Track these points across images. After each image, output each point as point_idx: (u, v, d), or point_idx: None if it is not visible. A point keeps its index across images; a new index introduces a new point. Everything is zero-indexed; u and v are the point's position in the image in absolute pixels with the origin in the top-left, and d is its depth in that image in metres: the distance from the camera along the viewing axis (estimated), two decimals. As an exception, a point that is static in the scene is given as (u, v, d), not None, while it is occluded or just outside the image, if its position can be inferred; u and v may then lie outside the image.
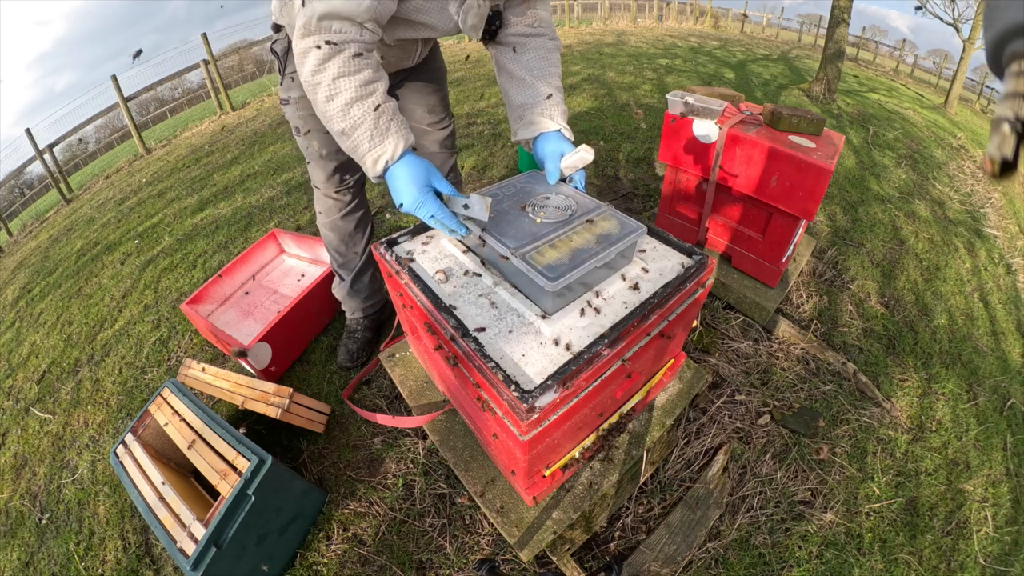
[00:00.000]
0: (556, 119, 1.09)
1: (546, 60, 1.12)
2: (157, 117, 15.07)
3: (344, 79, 0.84)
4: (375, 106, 0.87)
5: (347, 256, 1.60)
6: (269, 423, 1.56)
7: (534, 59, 1.11)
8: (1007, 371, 1.99)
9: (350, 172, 1.44)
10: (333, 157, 1.36)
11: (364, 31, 0.85)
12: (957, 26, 10.78)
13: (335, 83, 0.84)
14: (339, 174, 1.42)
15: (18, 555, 1.51)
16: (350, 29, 0.84)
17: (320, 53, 0.83)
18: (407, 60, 1.25)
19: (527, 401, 0.75)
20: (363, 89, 0.86)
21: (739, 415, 1.56)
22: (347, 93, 0.85)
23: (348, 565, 1.26)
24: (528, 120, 1.10)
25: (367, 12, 0.83)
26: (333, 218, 1.50)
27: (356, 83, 0.85)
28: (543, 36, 1.13)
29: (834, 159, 1.46)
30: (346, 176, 1.44)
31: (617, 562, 1.18)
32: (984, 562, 1.33)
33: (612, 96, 4.59)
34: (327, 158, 1.36)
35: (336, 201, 1.47)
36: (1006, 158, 0.50)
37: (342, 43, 0.83)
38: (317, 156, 1.36)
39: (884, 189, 3.18)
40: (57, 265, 3.41)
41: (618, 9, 14.27)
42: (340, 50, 0.83)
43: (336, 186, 1.44)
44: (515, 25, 1.10)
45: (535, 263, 0.89)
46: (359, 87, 0.85)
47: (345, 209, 1.49)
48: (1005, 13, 0.51)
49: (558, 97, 1.11)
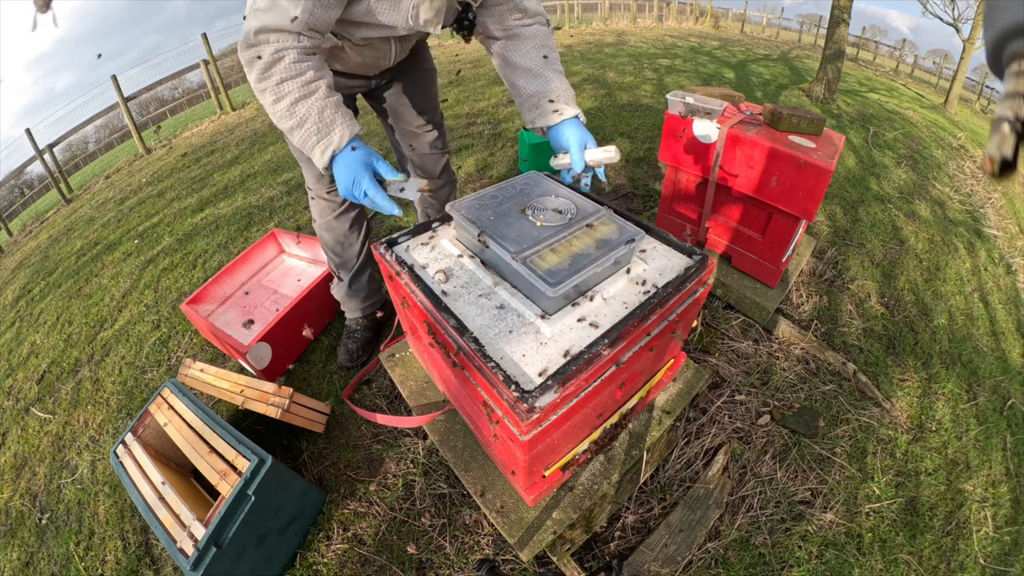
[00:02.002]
0: (572, 105, 1.11)
1: (546, 46, 1.14)
2: (157, 117, 15.07)
3: (288, 82, 0.90)
4: (319, 102, 0.92)
5: (344, 257, 1.60)
6: (269, 423, 1.56)
7: (534, 47, 1.13)
8: (1007, 371, 1.99)
9: None
10: None
11: (302, 38, 0.90)
12: (957, 26, 10.78)
13: (279, 87, 0.90)
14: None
15: (18, 555, 1.51)
16: (287, 39, 0.88)
17: (261, 63, 0.88)
18: (383, 60, 1.25)
19: (527, 401, 0.75)
20: (306, 88, 0.91)
21: (739, 415, 1.56)
22: (292, 95, 0.90)
23: (348, 565, 1.26)
24: (544, 108, 1.11)
25: (300, 25, 0.88)
26: (327, 219, 1.51)
27: (299, 84, 0.90)
28: (536, 22, 1.15)
29: (834, 159, 1.46)
30: None
31: (617, 562, 1.18)
32: (984, 562, 1.33)
33: (612, 96, 4.59)
34: None
35: (328, 202, 1.48)
36: (1006, 158, 0.50)
37: (281, 51, 0.88)
38: (305, 157, 1.37)
39: (884, 189, 3.18)
40: (57, 265, 3.41)
41: (618, 9, 14.27)
42: (280, 58, 0.89)
43: (327, 187, 1.45)
44: (506, 16, 1.12)
45: (536, 267, 0.89)
46: (302, 87, 0.91)
47: (338, 210, 1.50)
48: (1005, 13, 0.51)
49: (566, 82, 1.14)
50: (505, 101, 4.43)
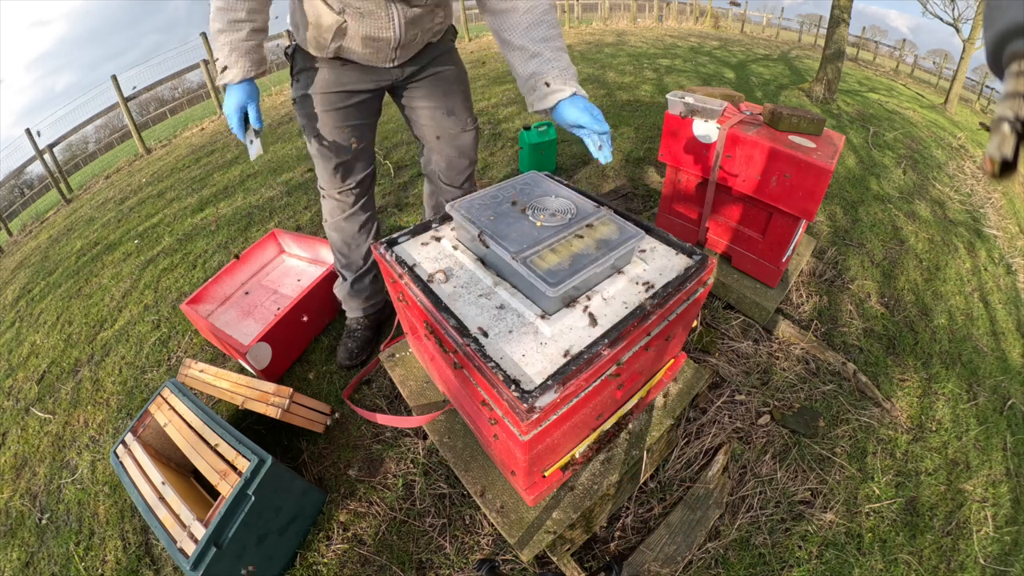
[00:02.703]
0: (571, 83, 1.04)
1: (543, 22, 1.06)
2: (157, 117, 15.07)
3: (222, 12, 1.09)
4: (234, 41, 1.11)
5: (350, 258, 1.61)
6: (269, 423, 1.56)
7: (531, 23, 1.06)
8: (1007, 371, 1.99)
9: (352, 173, 1.45)
10: (331, 155, 1.38)
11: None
12: (957, 26, 10.79)
13: (217, 12, 1.09)
14: (339, 173, 1.42)
15: (18, 555, 1.51)
16: None
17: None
18: (385, 31, 1.18)
19: (527, 401, 0.75)
20: (231, 25, 1.10)
21: (739, 415, 1.56)
22: (219, 23, 1.10)
23: (348, 565, 1.26)
24: (540, 91, 1.05)
25: None
26: (337, 219, 1.52)
27: (228, 19, 1.09)
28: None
29: (834, 159, 1.46)
30: (348, 178, 1.45)
31: (617, 562, 1.18)
32: (984, 562, 1.33)
33: (612, 96, 4.59)
34: (325, 155, 1.38)
35: (339, 202, 1.49)
36: (1006, 158, 0.50)
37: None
38: (317, 153, 1.39)
39: (884, 189, 3.18)
40: (57, 265, 3.41)
41: (618, 9, 14.27)
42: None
43: (339, 185, 1.45)
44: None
45: (536, 267, 0.89)
46: (230, 23, 1.10)
47: (349, 211, 1.50)
48: (1005, 13, 0.51)
49: (566, 58, 1.07)
50: (505, 101, 4.44)
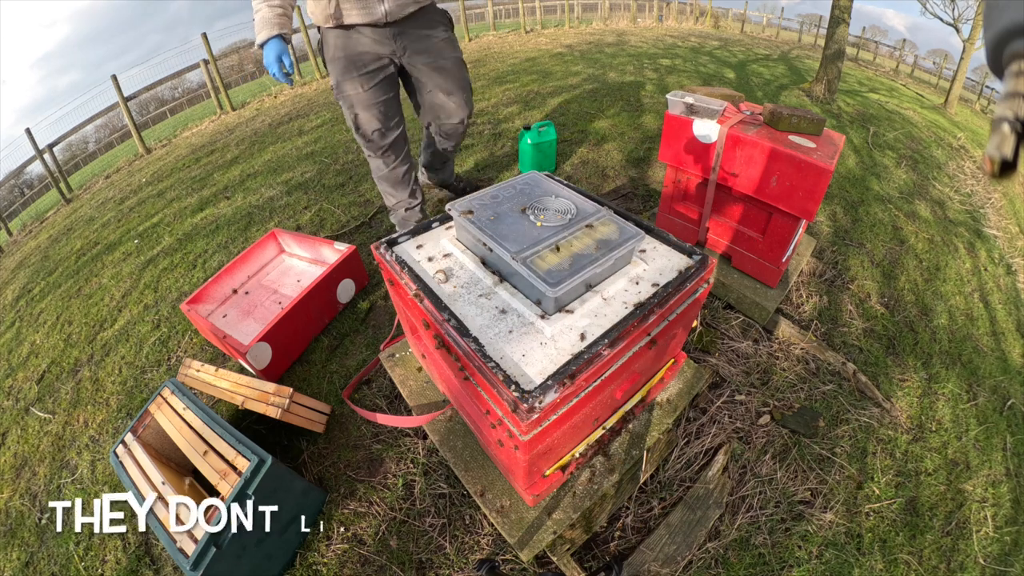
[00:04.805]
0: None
1: None
2: (157, 117, 15.06)
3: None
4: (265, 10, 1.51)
5: (398, 197, 2.01)
6: (269, 423, 1.56)
7: None
8: (1007, 371, 1.99)
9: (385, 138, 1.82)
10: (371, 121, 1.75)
11: None
12: (957, 26, 10.77)
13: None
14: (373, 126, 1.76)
15: (18, 555, 1.51)
16: None
17: None
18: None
19: (527, 401, 0.75)
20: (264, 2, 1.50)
21: (739, 415, 1.56)
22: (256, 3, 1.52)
23: (348, 565, 1.26)
24: None
25: None
26: (383, 173, 1.92)
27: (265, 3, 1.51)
28: None
29: (834, 159, 1.46)
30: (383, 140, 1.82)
31: (617, 562, 1.18)
32: (984, 562, 1.33)
33: (612, 96, 4.59)
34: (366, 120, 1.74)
35: (382, 160, 1.88)
36: (1006, 158, 0.50)
37: None
38: (352, 124, 1.76)
39: (884, 189, 3.18)
40: (57, 265, 3.41)
41: (618, 9, 14.26)
42: None
43: (379, 140, 1.80)
44: None
45: (536, 268, 0.89)
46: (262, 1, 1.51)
47: (392, 165, 1.90)
48: (1005, 13, 0.51)
49: None
50: (505, 101, 4.43)
